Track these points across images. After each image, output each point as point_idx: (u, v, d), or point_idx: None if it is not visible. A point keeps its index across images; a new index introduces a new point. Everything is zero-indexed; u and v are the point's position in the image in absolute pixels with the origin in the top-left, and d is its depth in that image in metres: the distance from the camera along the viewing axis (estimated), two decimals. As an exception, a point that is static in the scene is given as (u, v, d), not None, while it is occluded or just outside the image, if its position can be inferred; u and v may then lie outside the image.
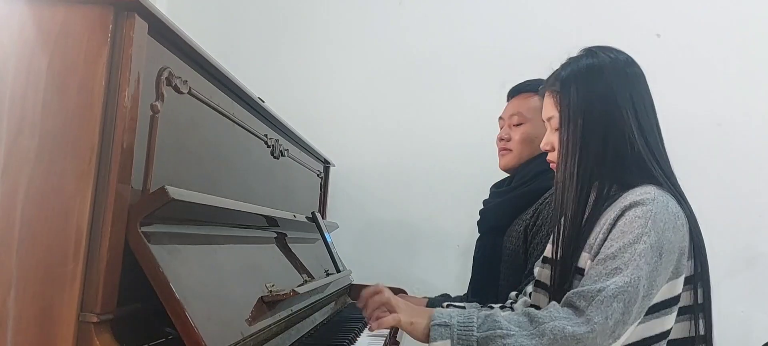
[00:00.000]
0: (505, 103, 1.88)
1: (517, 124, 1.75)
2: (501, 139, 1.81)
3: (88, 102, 0.82)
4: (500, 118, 1.85)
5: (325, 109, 2.58)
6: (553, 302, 1.09)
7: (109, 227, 0.82)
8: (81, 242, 0.81)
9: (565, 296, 1.06)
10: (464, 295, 1.93)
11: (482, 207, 1.91)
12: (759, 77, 2.37)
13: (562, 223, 1.19)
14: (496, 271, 1.72)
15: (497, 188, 1.87)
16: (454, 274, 2.42)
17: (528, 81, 1.80)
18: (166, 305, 0.85)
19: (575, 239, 1.16)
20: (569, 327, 0.99)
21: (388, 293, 1.14)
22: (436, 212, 2.50)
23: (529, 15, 2.51)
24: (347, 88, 2.60)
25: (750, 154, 2.35)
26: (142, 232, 0.86)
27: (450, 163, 2.48)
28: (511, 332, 1.01)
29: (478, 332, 1.02)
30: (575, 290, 1.05)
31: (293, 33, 2.65)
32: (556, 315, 1.02)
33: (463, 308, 1.37)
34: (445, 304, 1.44)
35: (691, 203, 1.23)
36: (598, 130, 1.15)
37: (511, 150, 1.76)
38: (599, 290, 1.01)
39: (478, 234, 1.91)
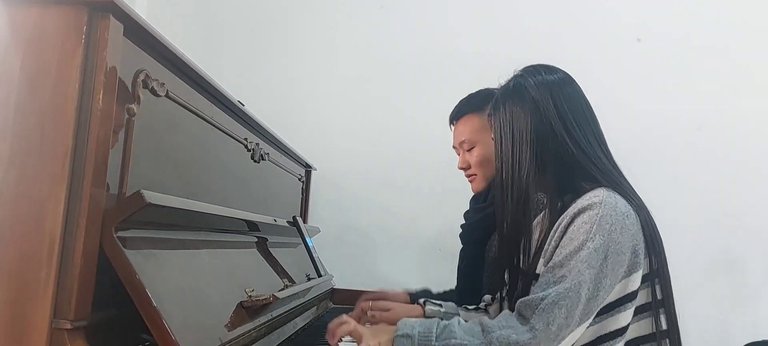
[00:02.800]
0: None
1: (470, 149, 1.77)
2: (462, 169, 1.82)
3: (61, 104, 0.81)
4: (453, 146, 1.86)
5: (307, 113, 2.57)
6: (506, 311, 1.17)
7: (83, 231, 0.81)
8: (54, 247, 0.80)
9: (516, 305, 1.14)
10: (446, 291, 1.93)
11: (463, 221, 1.92)
12: (738, 81, 2.40)
13: (501, 234, 1.26)
14: (480, 280, 1.74)
15: (476, 203, 1.88)
16: (436, 278, 2.40)
17: (463, 102, 1.81)
18: (142, 310, 0.83)
19: (520, 248, 1.23)
20: (514, 335, 1.07)
21: (353, 323, 1.19)
22: (417, 216, 2.50)
23: (511, 19, 2.52)
24: (328, 91, 2.59)
25: (729, 157, 2.38)
26: (117, 237, 0.85)
27: (431, 167, 2.48)
28: (464, 342, 1.09)
29: (436, 342, 1.11)
30: (523, 299, 1.12)
31: (274, 37, 2.64)
32: (503, 324, 1.10)
33: (440, 305, 1.47)
34: (421, 300, 1.49)
35: (670, 206, 1.25)
36: (526, 143, 1.21)
37: (476, 174, 1.78)
38: (542, 299, 1.09)
39: (461, 245, 1.92)
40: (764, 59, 2.41)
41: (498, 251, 1.29)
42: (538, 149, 1.20)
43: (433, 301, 1.46)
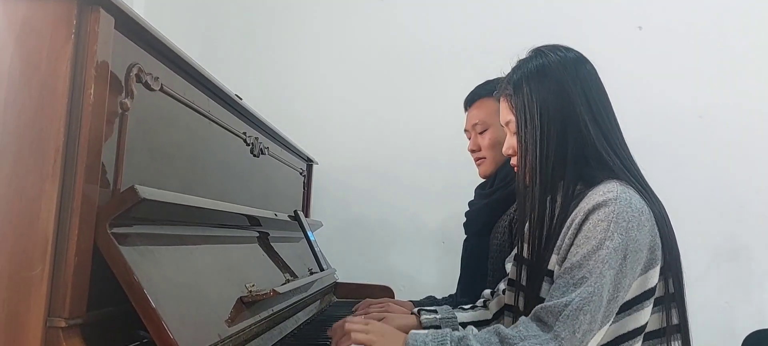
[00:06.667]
0: (465, 114, 1.87)
1: (482, 132, 1.78)
2: (472, 151, 1.82)
3: (51, 100, 0.79)
4: (465, 130, 1.86)
5: (308, 107, 2.56)
6: (523, 318, 1.09)
7: (77, 229, 0.79)
8: (47, 245, 0.78)
9: (533, 310, 1.08)
10: (450, 295, 1.92)
11: (468, 209, 1.91)
12: (740, 69, 2.38)
13: (529, 225, 1.20)
14: (484, 269, 1.73)
15: (481, 190, 1.88)
16: (440, 271, 2.42)
17: (479, 86, 1.81)
18: (137, 307, 0.82)
19: (544, 241, 1.17)
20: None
21: (356, 333, 1.11)
22: (420, 208, 2.49)
23: (511, 9, 2.51)
24: (329, 85, 2.58)
25: (731, 145, 2.36)
26: (112, 233, 0.84)
27: (434, 159, 2.47)
28: None
29: None
30: (543, 304, 1.06)
31: (274, 30, 2.63)
32: (524, 334, 1.03)
33: (435, 311, 1.37)
34: (416, 309, 1.42)
35: (674, 195, 1.22)
36: (555, 128, 1.15)
37: (485, 158, 1.79)
38: (566, 305, 1.02)
39: (465, 235, 1.91)
40: (766, 46, 2.39)
41: (521, 244, 1.23)
42: (564, 134, 1.15)
43: (427, 308, 1.42)
